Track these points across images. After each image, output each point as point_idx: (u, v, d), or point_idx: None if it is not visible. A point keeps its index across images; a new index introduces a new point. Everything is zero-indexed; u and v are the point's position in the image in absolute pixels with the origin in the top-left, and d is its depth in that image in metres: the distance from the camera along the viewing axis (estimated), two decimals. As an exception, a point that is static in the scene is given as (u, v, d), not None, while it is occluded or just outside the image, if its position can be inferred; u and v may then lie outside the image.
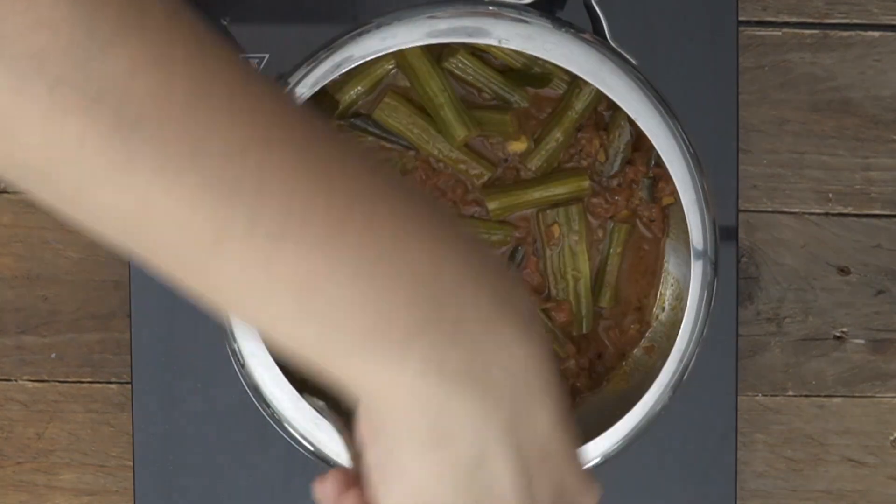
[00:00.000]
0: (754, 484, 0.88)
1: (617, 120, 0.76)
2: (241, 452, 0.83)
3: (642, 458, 0.83)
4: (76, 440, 0.87)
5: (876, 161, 0.87)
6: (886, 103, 0.87)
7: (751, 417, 0.87)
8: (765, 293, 0.87)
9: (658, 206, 0.77)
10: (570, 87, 0.76)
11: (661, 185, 0.76)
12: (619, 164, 0.76)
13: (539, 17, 0.72)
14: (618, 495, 0.84)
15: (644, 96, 0.72)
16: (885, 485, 0.88)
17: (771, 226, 0.87)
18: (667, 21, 0.84)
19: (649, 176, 0.77)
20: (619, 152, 0.76)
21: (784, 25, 0.87)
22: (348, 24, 0.73)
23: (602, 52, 0.72)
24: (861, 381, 0.88)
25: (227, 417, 0.83)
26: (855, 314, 0.88)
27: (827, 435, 0.88)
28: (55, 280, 0.87)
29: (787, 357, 0.87)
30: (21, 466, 0.87)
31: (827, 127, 0.87)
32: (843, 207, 0.88)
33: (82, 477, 0.87)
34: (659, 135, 0.72)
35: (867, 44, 0.87)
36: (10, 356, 0.87)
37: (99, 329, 0.87)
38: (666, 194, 0.76)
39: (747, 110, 0.87)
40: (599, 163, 0.76)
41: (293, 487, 0.83)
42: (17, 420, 0.87)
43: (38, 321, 0.87)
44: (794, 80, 0.87)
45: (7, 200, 0.87)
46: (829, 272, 0.88)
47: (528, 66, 0.76)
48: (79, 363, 0.87)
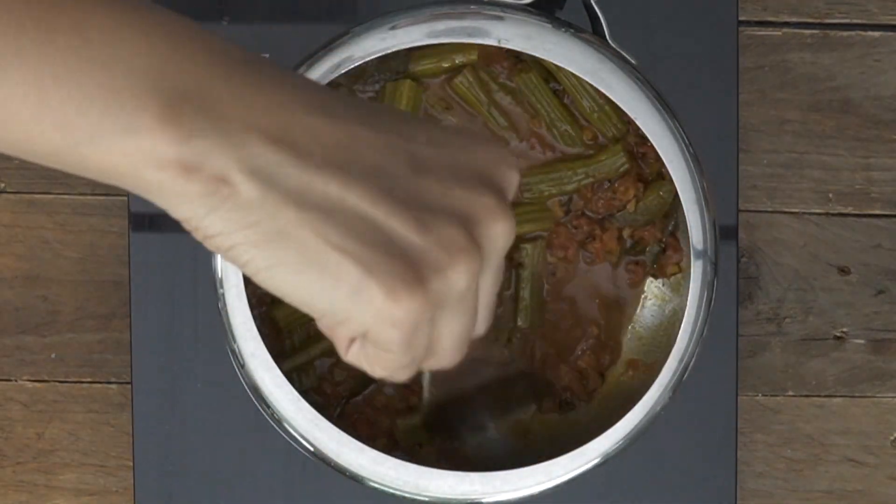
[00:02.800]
0: (754, 484, 0.88)
1: (659, 186, 0.76)
2: (240, 452, 0.83)
3: (642, 458, 0.83)
4: (76, 440, 0.87)
5: (876, 161, 0.87)
6: (887, 103, 0.87)
7: (751, 417, 0.87)
8: (765, 293, 0.87)
9: (641, 264, 0.78)
10: None
11: (668, 254, 0.76)
12: (641, 222, 0.76)
13: (539, 17, 0.72)
14: (618, 495, 0.84)
15: (644, 96, 0.72)
16: (885, 485, 0.88)
17: (771, 226, 0.87)
18: (666, 21, 0.84)
19: (661, 243, 0.77)
20: (648, 214, 0.76)
21: (784, 25, 0.87)
22: (348, 24, 0.73)
23: (602, 52, 0.72)
24: (861, 381, 0.88)
25: (227, 417, 0.83)
26: (855, 314, 0.88)
27: (827, 435, 0.88)
28: (55, 280, 0.87)
29: (787, 357, 0.87)
30: (21, 466, 0.87)
31: (827, 127, 0.87)
32: (843, 207, 0.88)
33: (82, 477, 0.87)
34: (659, 134, 0.72)
35: (867, 44, 0.87)
36: (10, 356, 0.87)
37: (99, 329, 0.87)
38: (672, 263, 0.76)
39: (747, 110, 0.87)
40: (627, 212, 0.76)
41: (293, 487, 0.83)
42: (17, 420, 0.87)
43: (38, 321, 0.87)
44: (794, 79, 0.87)
45: (7, 200, 0.87)
46: (830, 272, 0.88)
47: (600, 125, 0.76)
48: (79, 363, 0.87)
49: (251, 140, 0.47)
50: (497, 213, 0.50)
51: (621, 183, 0.76)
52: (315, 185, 0.47)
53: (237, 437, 0.83)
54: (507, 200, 0.51)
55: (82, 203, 0.86)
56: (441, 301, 0.49)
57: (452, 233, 0.49)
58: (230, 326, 0.72)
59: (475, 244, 0.49)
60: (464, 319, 0.51)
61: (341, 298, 0.48)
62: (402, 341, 0.49)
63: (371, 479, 0.71)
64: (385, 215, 0.48)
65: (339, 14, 0.83)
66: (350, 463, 0.71)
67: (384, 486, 0.71)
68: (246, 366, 0.72)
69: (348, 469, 0.71)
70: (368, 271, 0.47)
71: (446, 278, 0.49)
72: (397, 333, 0.49)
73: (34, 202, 0.87)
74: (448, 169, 0.50)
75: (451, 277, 0.49)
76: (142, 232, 0.83)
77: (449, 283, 0.49)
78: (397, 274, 0.48)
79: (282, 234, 0.47)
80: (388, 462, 0.71)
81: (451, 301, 0.49)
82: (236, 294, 0.71)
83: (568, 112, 0.76)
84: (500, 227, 0.50)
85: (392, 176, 0.49)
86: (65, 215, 0.86)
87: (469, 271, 0.49)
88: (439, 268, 0.48)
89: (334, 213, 0.48)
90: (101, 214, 0.86)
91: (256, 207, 0.47)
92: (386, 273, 0.48)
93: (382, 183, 0.48)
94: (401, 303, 0.48)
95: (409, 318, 0.48)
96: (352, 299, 0.48)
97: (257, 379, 0.71)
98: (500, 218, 0.50)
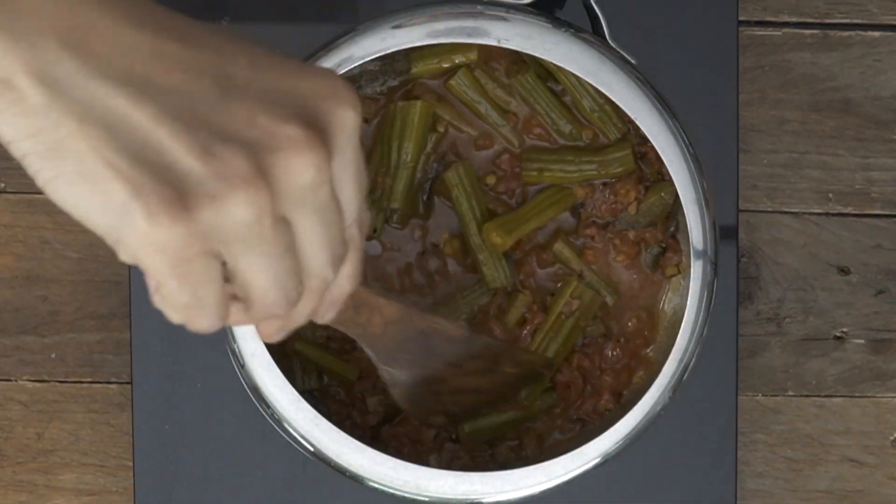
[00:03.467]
0: (754, 484, 0.88)
1: (660, 188, 0.75)
2: (240, 453, 0.83)
3: (642, 458, 0.83)
4: (76, 440, 0.87)
5: (876, 161, 0.87)
6: (886, 103, 0.87)
7: (751, 417, 0.87)
8: (765, 293, 0.87)
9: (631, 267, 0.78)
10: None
11: (668, 255, 0.76)
12: (643, 224, 0.76)
13: (538, 16, 0.72)
14: (618, 496, 0.84)
15: (644, 96, 0.72)
16: (885, 485, 0.88)
17: (771, 226, 0.87)
18: (666, 20, 0.84)
19: (662, 244, 0.77)
20: (650, 216, 0.76)
21: (784, 25, 0.87)
22: (348, 23, 0.73)
23: (602, 52, 0.72)
24: (861, 382, 0.88)
25: (227, 418, 0.83)
26: (855, 314, 0.88)
27: (827, 435, 0.88)
28: (55, 280, 0.87)
29: (787, 357, 0.87)
30: (21, 467, 0.87)
31: (827, 127, 0.87)
32: (843, 207, 0.88)
33: (82, 477, 0.87)
34: (659, 134, 0.72)
35: (867, 44, 0.87)
36: (10, 356, 0.87)
37: (99, 329, 0.87)
38: (671, 264, 0.76)
39: (747, 110, 0.87)
40: (629, 214, 0.76)
41: (293, 488, 0.83)
42: (16, 420, 0.87)
43: (37, 321, 0.87)
44: (794, 79, 0.87)
45: (7, 200, 0.86)
46: (830, 272, 0.88)
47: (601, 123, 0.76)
48: (79, 363, 0.87)
49: (45, 43, 0.45)
50: (299, 147, 0.47)
51: (622, 185, 0.76)
52: (102, 98, 0.45)
53: (237, 438, 0.83)
54: (327, 137, 0.48)
55: (82, 203, 0.86)
56: (217, 234, 0.47)
57: (238, 163, 0.46)
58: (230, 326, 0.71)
59: (261, 176, 0.47)
60: (271, 261, 0.48)
61: (112, 219, 0.46)
62: (170, 271, 0.47)
63: (371, 480, 0.71)
64: (168, 138, 0.46)
65: (339, 14, 0.83)
66: (350, 463, 0.71)
67: (384, 486, 0.71)
68: (246, 366, 0.72)
69: (348, 469, 0.71)
70: (135, 192, 0.46)
71: (220, 209, 0.46)
72: (161, 261, 0.46)
73: (34, 202, 0.86)
74: (263, 95, 0.48)
75: (227, 209, 0.46)
76: (142, 232, 0.83)
77: (224, 215, 0.46)
78: (162, 198, 0.46)
79: (63, 145, 0.46)
80: (389, 462, 0.71)
81: (235, 234, 0.47)
82: (236, 294, 0.71)
83: (568, 111, 0.76)
84: (299, 162, 0.47)
85: (193, 97, 0.47)
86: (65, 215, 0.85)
87: (249, 205, 0.46)
88: (214, 197, 0.46)
89: (116, 130, 0.46)
90: (101, 214, 0.86)
91: (41, 115, 0.45)
92: (151, 196, 0.46)
93: (178, 103, 0.46)
94: (160, 227, 0.46)
95: (172, 245, 0.46)
96: (120, 220, 0.46)
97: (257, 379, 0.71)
98: (302, 152, 0.47)
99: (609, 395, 0.76)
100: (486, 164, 0.77)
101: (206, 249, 0.47)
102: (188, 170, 0.46)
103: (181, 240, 0.46)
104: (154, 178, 0.46)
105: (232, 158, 0.46)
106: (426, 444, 0.76)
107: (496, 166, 0.77)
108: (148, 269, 0.47)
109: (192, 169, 0.46)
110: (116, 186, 0.46)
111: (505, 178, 0.76)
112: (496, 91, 0.76)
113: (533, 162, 0.76)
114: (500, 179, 0.77)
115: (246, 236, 0.47)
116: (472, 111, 0.76)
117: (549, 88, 0.76)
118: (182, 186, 0.46)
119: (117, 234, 0.47)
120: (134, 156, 0.46)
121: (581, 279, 0.76)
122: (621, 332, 0.77)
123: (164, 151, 0.46)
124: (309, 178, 0.48)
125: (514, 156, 0.76)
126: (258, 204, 0.47)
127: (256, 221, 0.47)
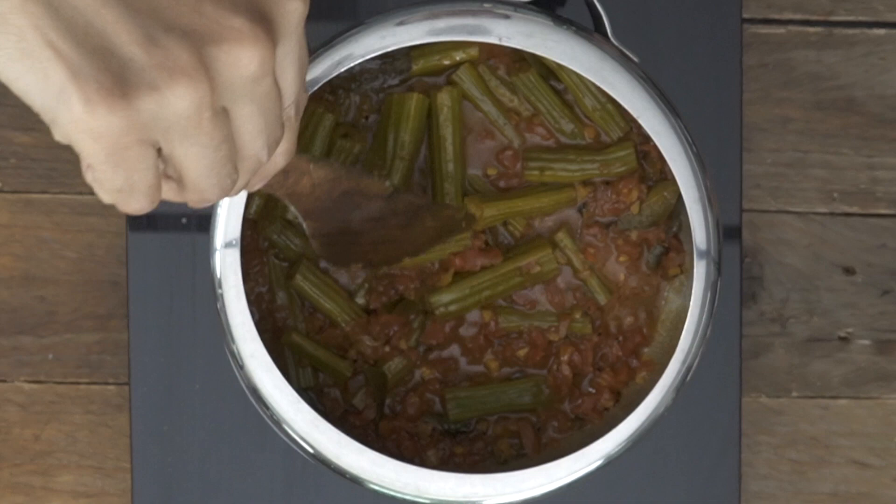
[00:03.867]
0: (758, 486, 0.87)
1: (663, 187, 0.75)
2: (239, 454, 0.83)
3: (645, 459, 0.83)
4: (74, 442, 0.87)
5: (881, 160, 0.87)
6: (891, 102, 0.87)
7: (754, 419, 0.87)
8: (768, 293, 0.87)
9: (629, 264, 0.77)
10: None
11: (671, 255, 0.76)
12: (646, 224, 0.76)
13: (540, 14, 0.72)
14: (620, 497, 0.84)
15: (646, 94, 0.72)
16: (890, 487, 0.88)
17: (775, 225, 0.87)
18: (669, 18, 0.83)
19: (664, 244, 0.76)
20: (653, 216, 0.76)
21: (788, 23, 0.87)
22: (348, 23, 0.73)
23: (604, 50, 0.72)
24: (866, 383, 0.87)
25: (226, 419, 0.83)
26: (860, 315, 0.87)
27: (831, 437, 0.87)
28: (53, 280, 0.86)
29: (791, 358, 0.87)
30: (18, 468, 0.87)
31: (831, 126, 0.87)
32: (847, 207, 0.87)
33: (80, 479, 0.87)
34: (661, 133, 0.72)
35: (872, 41, 0.87)
36: (8, 357, 0.87)
37: (97, 330, 0.87)
38: (674, 265, 0.76)
39: (751, 109, 0.86)
40: (631, 214, 0.76)
41: (292, 489, 0.83)
42: (14, 421, 0.87)
43: (35, 322, 0.87)
44: (797, 78, 0.87)
45: (4, 200, 0.86)
46: (834, 272, 0.87)
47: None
48: (76, 364, 0.87)
49: None
50: (244, 40, 0.48)
51: (625, 184, 0.75)
52: None
53: (236, 439, 0.83)
54: (273, 27, 0.49)
55: (80, 203, 0.86)
56: (156, 123, 0.47)
57: (180, 53, 0.47)
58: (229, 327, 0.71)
59: (203, 69, 0.47)
60: (207, 151, 0.49)
61: (49, 99, 0.46)
62: (104, 157, 0.47)
63: (371, 482, 0.71)
64: (112, 23, 0.46)
65: (339, 13, 0.83)
66: (350, 465, 0.71)
67: (384, 488, 0.71)
68: (245, 367, 0.71)
69: (348, 471, 0.71)
70: (74, 76, 0.46)
71: (159, 100, 0.46)
72: (96, 147, 0.47)
73: (32, 202, 0.86)
74: None
75: (167, 101, 0.46)
76: (140, 232, 0.83)
77: (163, 105, 0.47)
78: (101, 84, 0.46)
79: (5, 19, 0.45)
80: (389, 464, 0.71)
81: (173, 125, 0.47)
82: (235, 294, 0.71)
83: (570, 110, 0.76)
84: (243, 55, 0.48)
85: None
86: (62, 215, 0.86)
87: (189, 98, 0.47)
88: (154, 88, 0.46)
89: (60, 10, 0.46)
90: (99, 214, 0.86)
91: None
92: (90, 81, 0.46)
93: None
94: (96, 115, 0.46)
95: (107, 132, 0.46)
96: (57, 102, 0.46)
97: (256, 380, 0.71)
98: (246, 45, 0.48)
99: (608, 393, 0.76)
100: (489, 156, 0.77)
101: (142, 139, 0.47)
102: (130, 57, 0.46)
103: (117, 129, 0.46)
104: (94, 63, 0.46)
105: (175, 49, 0.47)
106: (423, 437, 0.76)
107: (499, 162, 0.76)
108: (81, 152, 0.47)
109: (133, 56, 0.46)
110: (55, 67, 0.46)
111: (506, 174, 0.76)
112: (499, 88, 0.76)
113: (534, 161, 0.75)
114: (501, 175, 0.76)
115: (184, 128, 0.48)
116: (475, 106, 0.76)
117: (550, 87, 0.76)
118: (122, 74, 0.46)
119: (53, 115, 0.47)
120: (75, 38, 0.46)
121: (555, 249, 0.76)
122: (619, 329, 0.77)
123: (106, 36, 0.46)
124: (251, 71, 0.48)
125: (517, 153, 0.76)
126: (198, 97, 0.47)
127: (195, 114, 0.47)
